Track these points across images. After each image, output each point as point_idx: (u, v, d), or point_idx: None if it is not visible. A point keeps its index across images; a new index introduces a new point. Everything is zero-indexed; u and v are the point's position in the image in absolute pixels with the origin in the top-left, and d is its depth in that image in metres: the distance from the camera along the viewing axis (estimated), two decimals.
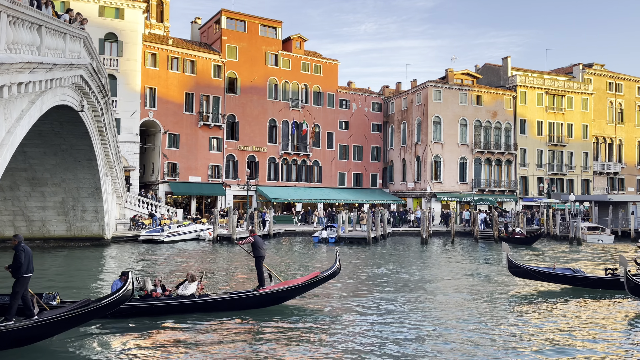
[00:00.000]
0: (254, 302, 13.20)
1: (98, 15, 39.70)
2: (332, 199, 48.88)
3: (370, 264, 23.76)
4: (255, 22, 48.03)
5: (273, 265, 22.77)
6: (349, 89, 54.42)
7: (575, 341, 10.93)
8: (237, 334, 11.25)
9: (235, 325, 11.94)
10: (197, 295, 12.68)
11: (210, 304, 12.82)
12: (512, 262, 16.93)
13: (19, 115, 11.82)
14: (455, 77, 52.56)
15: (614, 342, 10.91)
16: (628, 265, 14.26)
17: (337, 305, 14.31)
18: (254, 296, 13.19)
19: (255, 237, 13.99)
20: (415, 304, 14.68)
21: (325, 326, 11.90)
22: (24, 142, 15.65)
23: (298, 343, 10.54)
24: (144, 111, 42.04)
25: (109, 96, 23.77)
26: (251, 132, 47.30)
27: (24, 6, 10.19)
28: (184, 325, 11.71)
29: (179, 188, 43.17)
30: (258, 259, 13.92)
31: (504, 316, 13.19)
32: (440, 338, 11.02)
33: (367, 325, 11.97)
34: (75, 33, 15.08)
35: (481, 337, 11.11)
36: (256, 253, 13.92)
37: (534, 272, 16.99)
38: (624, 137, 58.77)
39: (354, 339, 10.83)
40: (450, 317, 13.01)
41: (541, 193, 53.41)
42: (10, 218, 26.60)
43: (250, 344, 10.47)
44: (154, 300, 12.35)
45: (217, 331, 11.38)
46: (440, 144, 49.93)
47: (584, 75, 57.05)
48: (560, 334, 11.46)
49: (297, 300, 14.18)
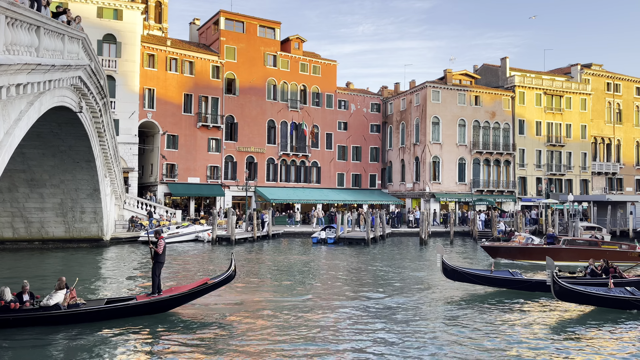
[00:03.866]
0: (133, 311, 12.28)
1: (96, 16, 39.68)
2: (331, 199, 48.86)
3: (368, 264, 23.78)
4: (254, 23, 48.03)
5: (273, 265, 22.79)
6: (347, 90, 54.43)
7: (498, 345, 10.69)
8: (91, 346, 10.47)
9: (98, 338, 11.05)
10: (66, 305, 11.49)
11: (78, 315, 11.62)
12: (447, 264, 16.37)
13: (17, 116, 11.81)
14: (454, 78, 52.58)
15: (537, 347, 10.70)
16: (555, 268, 13.86)
17: (234, 311, 13.73)
18: (130, 306, 12.29)
19: (163, 242, 13.27)
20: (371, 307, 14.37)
21: (211, 335, 11.45)
22: (23, 143, 15.62)
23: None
24: (143, 112, 42.01)
25: (108, 97, 23.76)
26: (250, 133, 47.28)
27: (22, 7, 10.20)
28: (46, 339, 10.63)
29: (178, 189, 43.13)
30: (159, 264, 13.06)
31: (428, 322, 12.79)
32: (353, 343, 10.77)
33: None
34: (73, 34, 15.08)
35: (403, 343, 10.85)
36: (160, 258, 13.05)
37: (469, 275, 16.48)
38: (622, 137, 58.85)
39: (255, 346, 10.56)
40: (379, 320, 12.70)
41: (540, 193, 53.44)
42: (9, 219, 26.57)
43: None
44: (10, 313, 11.09)
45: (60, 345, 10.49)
46: (439, 144, 49.96)
47: (582, 75, 57.12)
48: (486, 338, 11.20)
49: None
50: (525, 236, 26.62)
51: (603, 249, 24.76)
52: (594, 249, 24.23)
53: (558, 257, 23.55)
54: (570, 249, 24.34)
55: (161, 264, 13.04)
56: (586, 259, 22.99)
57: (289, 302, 14.93)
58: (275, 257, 26.84)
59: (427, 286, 17.82)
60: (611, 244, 26.79)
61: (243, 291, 16.82)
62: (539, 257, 23.76)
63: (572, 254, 23.96)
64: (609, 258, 23.63)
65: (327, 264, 23.90)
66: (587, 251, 23.35)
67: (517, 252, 24.93)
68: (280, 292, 16.82)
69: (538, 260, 23.23)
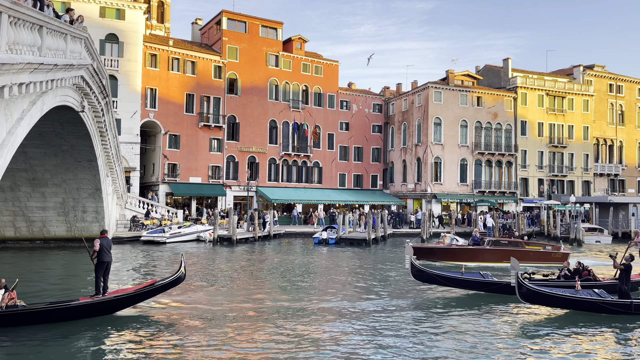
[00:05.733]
0: (74, 313, 11.85)
1: (99, 16, 39.73)
2: (333, 200, 48.85)
3: (365, 263, 23.77)
4: (256, 23, 48.05)
5: (273, 267, 22.80)
6: (349, 90, 54.41)
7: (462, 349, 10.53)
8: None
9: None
10: (4, 307, 11.17)
11: (15, 317, 11.18)
12: (415, 266, 16.07)
13: (19, 115, 11.83)
14: (456, 79, 52.54)
15: (501, 350, 10.55)
16: (519, 269, 13.62)
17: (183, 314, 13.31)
18: (71, 307, 11.83)
19: (101, 241, 12.76)
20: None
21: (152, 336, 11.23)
22: (25, 142, 15.65)
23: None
24: (145, 112, 42.05)
25: (110, 97, 23.79)
26: (252, 133, 47.30)
27: (25, 7, 10.21)
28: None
29: (180, 189, 43.16)
30: (101, 264, 12.62)
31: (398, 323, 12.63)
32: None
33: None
34: (76, 34, 15.10)
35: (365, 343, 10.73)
36: (101, 258, 12.63)
37: (438, 277, 16.09)
38: (624, 138, 58.74)
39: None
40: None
41: (542, 194, 53.38)
42: (11, 218, 26.61)
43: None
44: None
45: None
46: (440, 145, 49.92)
47: (584, 76, 57.04)
48: (450, 342, 11.02)
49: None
50: (450, 237, 26.00)
51: (527, 249, 24.37)
52: (517, 250, 23.90)
53: (481, 258, 23.48)
54: (493, 250, 23.86)
55: (103, 264, 12.56)
56: (510, 260, 23.07)
57: (283, 304, 14.88)
58: (275, 257, 26.84)
59: (404, 289, 17.38)
60: (535, 245, 26.40)
61: (229, 292, 16.80)
62: (463, 258, 23.34)
63: (496, 255, 23.53)
64: (532, 259, 23.55)
65: (328, 265, 23.88)
66: (511, 252, 23.04)
67: (441, 253, 24.20)
68: (278, 293, 16.76)
69: (462, 261, 22.42)
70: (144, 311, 13.31)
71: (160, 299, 14.29)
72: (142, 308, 13.52)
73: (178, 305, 14.28)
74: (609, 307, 13.25)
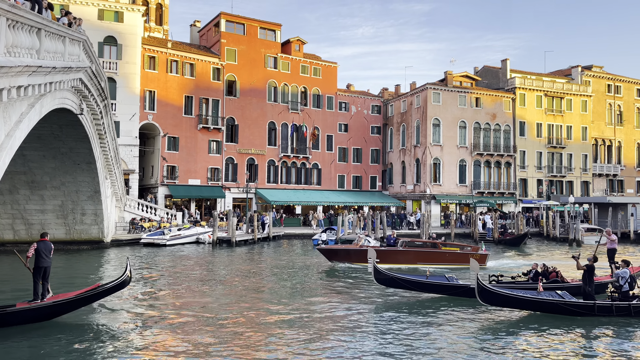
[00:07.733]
0: (10, 318, 11.34)
1: (97, 18, 39.75)
2: (332, 201, 48.85)
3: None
4: (255, 25, 48.09)
5: (272, 267, 22.79)
6: (348, 92, 54.44)
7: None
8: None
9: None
10: None
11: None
12: (378, 269, 15.64)
13: (18, 118, 11.82)
14: (454, 80, 52.59)
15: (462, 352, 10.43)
16: (479, 271, 13.37)
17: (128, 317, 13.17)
18: (6, 313, 11.34)
19: (39, 245, 12.08)
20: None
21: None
22: (23, 145, 15.63)
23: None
24: (144, 114, 42.04)
25: (109, 99, 23.79)
26: (250, 135, 47.31)
27: (23, 10, 10.22)
28: None
29: (179, 191, 43.14)
30: (38, 269, 12.02)
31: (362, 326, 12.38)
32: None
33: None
34: (74, 36, 15.11)
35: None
36: (39, 262, 12.00)
37: (402, 281, 15.61)
38: (623, 138, 58.82)
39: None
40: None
41: (541, 195, 53.42)
42: (10, 221, 26.58)
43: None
44: None
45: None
46: (439, 146, 49.95)
47: (582, 77, 57.12)
48: (414, 344, 10.90)
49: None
50: (363, 238, 25.50)
51: (442, 250, 23.87)
52: (433, 251, 23.50)
53: (395, 260, 22.74)
54: (408, 251, 23.29)
55: (40, 269, 11.95)
56: (425, 261, 22.68)
57: (278, 307, 14.85)
58: (276, 257, 26.82)
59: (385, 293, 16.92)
60: (452, 246, 25.84)
61: (213, 292, 16.77)
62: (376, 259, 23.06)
63: (411, 256, 23.08)
64: (448, 260, 23.13)
65: (328, 265, 23.87)
66: (426, 253, 22.78)
67: (352, 255, 23.53)
68: (273, 296, 16.73)
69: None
70: (87, 316, 12.80)
71: (108, 300, 13.82)
72: (103, 310, 13.21)
73: (134, 305, 14.23)
74: (571, 309, 13.01)
